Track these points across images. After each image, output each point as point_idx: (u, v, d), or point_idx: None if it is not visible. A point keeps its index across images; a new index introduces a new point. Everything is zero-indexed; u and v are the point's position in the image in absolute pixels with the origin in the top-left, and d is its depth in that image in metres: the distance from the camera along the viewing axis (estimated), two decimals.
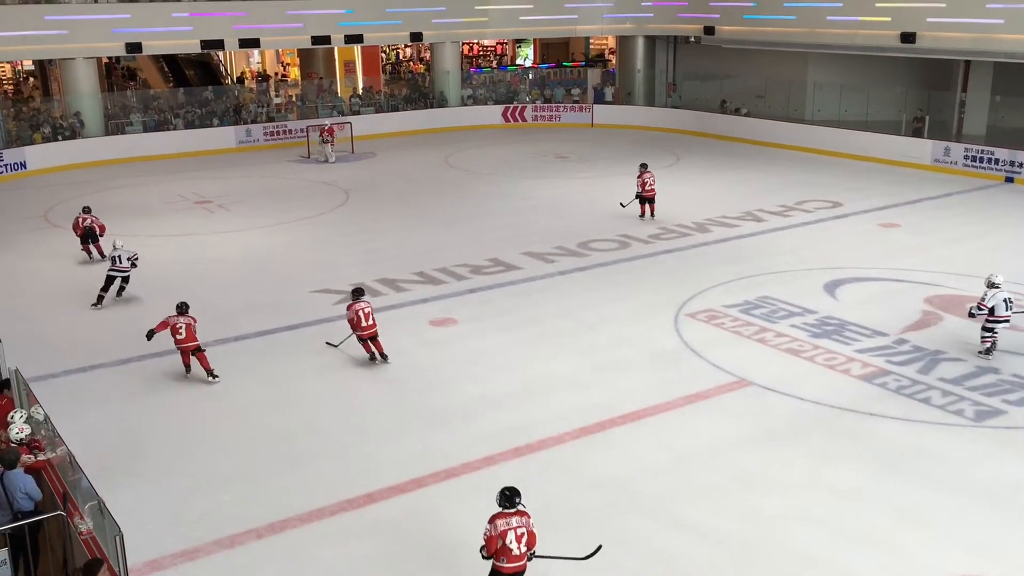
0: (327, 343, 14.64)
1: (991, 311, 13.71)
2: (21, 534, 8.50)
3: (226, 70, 44.66)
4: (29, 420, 10.00)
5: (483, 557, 8.27)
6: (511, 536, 8.05)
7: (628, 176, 26.89)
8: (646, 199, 22.09)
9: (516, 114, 36.96)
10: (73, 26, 29.88)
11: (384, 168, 29.43)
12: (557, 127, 36.22)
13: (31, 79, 43.57)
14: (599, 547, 8.62)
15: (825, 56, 32.11)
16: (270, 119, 33.81)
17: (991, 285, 13.98)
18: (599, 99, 37.48)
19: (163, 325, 13.83)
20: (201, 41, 31.96)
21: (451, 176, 27.99)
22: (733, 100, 34.00)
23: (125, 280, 17.38)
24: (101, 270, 19.07)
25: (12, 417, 9.74)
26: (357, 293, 14.36)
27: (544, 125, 36.64)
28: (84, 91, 30.82)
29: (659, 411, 12.31)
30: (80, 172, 28.95)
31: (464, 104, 37.22)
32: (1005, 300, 13.80)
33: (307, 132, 31.50)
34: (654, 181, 22.12)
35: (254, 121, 33.37)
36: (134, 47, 31.03)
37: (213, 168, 29.44)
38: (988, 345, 13.90)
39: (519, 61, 46.52)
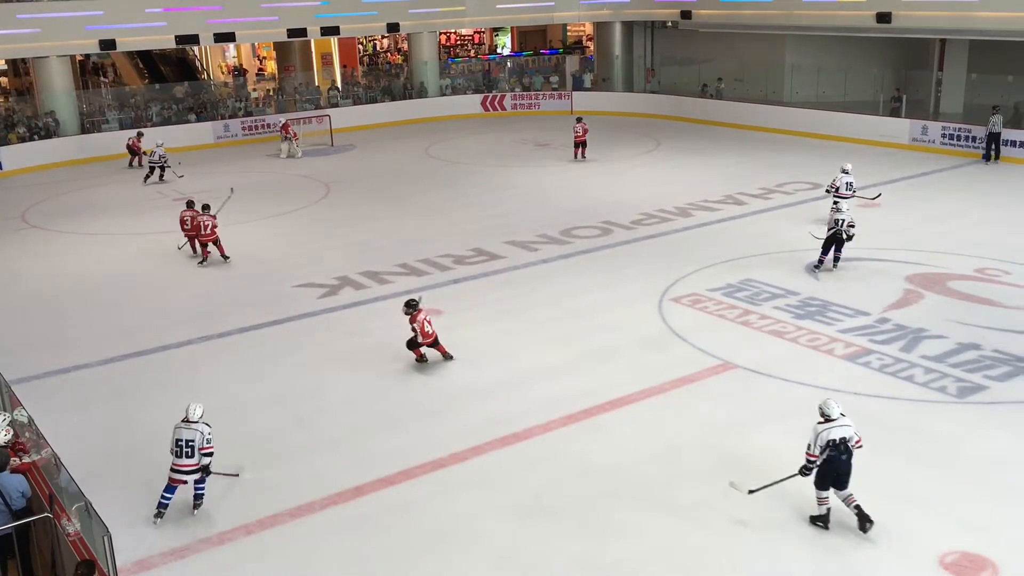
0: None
1: (837, 190, 18.95)
2: (10, 536, 8.45)
3: (202, 65, 44.32)
4: (13, 423, 9.93)
5: (414, 344, 13.32)
6: (424, 323, 13.33)
7: (610, 162, 26.97)
8: (578, 144, 27.25)
9: (495, 103, 36.88)
10: (46, 24, 29.54)
11: (364, 160, 29.32)
12: (536, 115, 36.16)
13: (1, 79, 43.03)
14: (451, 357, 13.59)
15: (802, 38, 32.20)
16: (248, 114, 33.59)
17: (842, 171, 19.38)
18: (578, 86, 37.44)
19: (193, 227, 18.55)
20: (176, 36, 31.68)
21: (432, 166, 27.92)
22: (712, 82, 34.04)
23: (161, 169, 26.29)
24: (86, 268, 18.97)
25: None
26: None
27: (523, 113, 36.57)
28: (58, 89, 30.52)
29: (646, 396, 12.35)
30: (57, 171, 28.70)
31: (443, 94, 37.10)
32: (847, 183, 19.08)
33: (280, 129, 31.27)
34: (583, 130, 27.25)
35: (232, 116, 33.15)
36: (108, 44, 30.73)
37: (191, 164, 29.19)
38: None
39: (497, 50, 46.37)
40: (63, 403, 12.83)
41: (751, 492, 9.57)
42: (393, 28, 35.88)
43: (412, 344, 13.45)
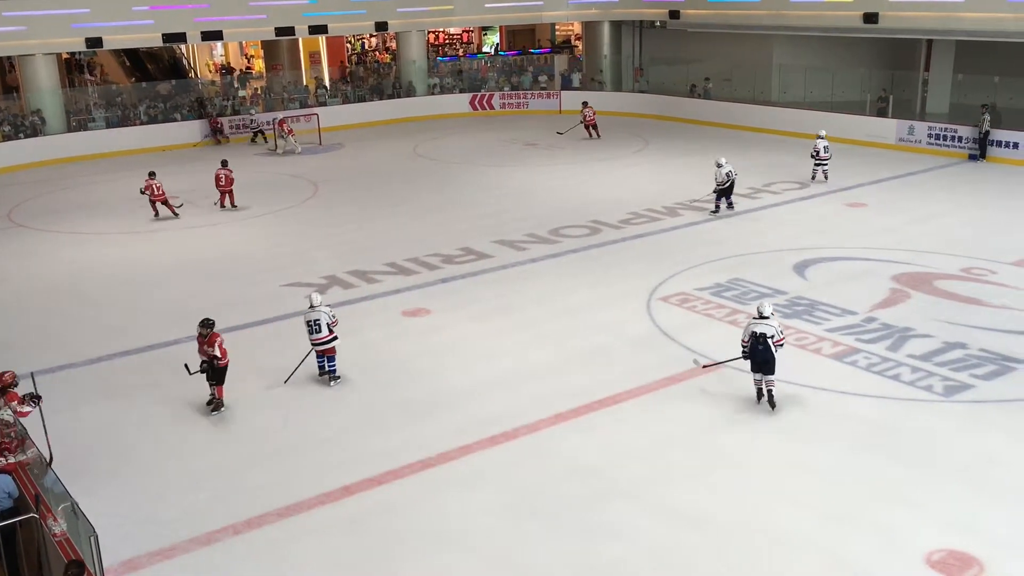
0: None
1: (818, 153, 23.47)
2: None
3: (190, 63, 44.13)
4: None
5: (221, 375, 12.17)
6: (224, 343, 12.29)
7: (598, 162, 27.00)
8: (588, 126, 30.36)
9: (484, 102, 36.85)
10: (32, 22, 29.37)
11: (352, 159, 29.27)
12: (525, 114, 36.17)
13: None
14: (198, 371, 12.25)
15: (790, 38, 32.31)
16: (235, 112, 33.47)
17: (819, 137, 23.67)
18: (566, 85, 37.46)
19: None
20: (163, 35, 31.55)
21: (420, 166, 27.88)
22: (700, 82, 34.11)
23: (261, 133, 31.80)
24: (73, 268, 18.87)
25: None
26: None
27: (512, 112, 36.57)
28: (44, 87, 30.34)
29: (635, 395, 12.37)
30: (43, 170, 28.55)
31: (431, 93, 37.06)
32: (824, 147, 23.53)
33: (274, 125, 31.19)
34: (592, 113, 30.58)
35: (219, 114, 33.02)
36: (94, 42, 30.56)
37: (178, 163, 29.11)
38: (815, 173, 23.83)
39: (485, 49, 46.33)
40: (49, 403, 12.69)
41: (704, 367, 12.70)
42: (381, 27, 35.83)
43: (220, 375, 12.25)
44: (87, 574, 7.35)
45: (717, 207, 21.07)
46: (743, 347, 11.84)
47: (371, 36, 46.72)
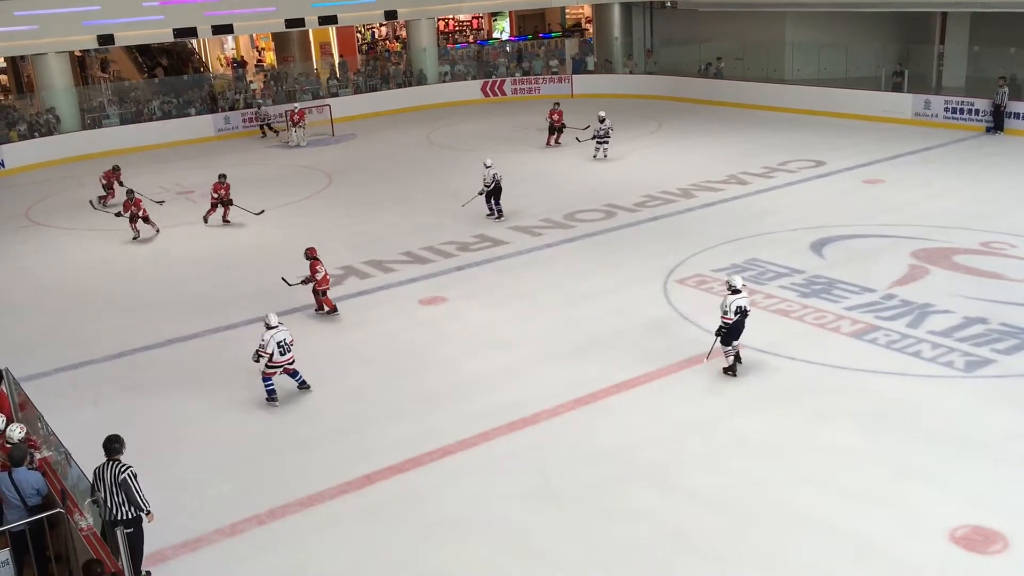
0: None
1: (606, 134, 22.09)
2: (24, 532, 8.49)
3: (200, 57, 44.20)
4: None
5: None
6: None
7: (612, 145, 26.85)
8: (554, 128, 27.43)
9: (495, 88, 36.76)
10: (43, 20, 29.47)
11: (366, 149, 29.28)
12: (537, 99, 36.02)
13: None
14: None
15: (802, 15, 32.04)
16: (248, 105, 33.52)
17: (600, 119, 22.55)
18: (577, 69, 37.30)
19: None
20: (174, 30, 31.62)
21: (434, 154, 27.87)
22: (712, 61, 33.90)
23: (269, 126, 31.19)
24: (91, 265, 18.99)
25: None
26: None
27: (524, 98, 36.44)
28: (58, 86, 30.49)
29: (653, 379, 12.36)
30: (59, 168, 28.71)
31: (443, 81, 36.99)
32: (609, 127, 22.39)
33: (287, 116, 31.22)
34: (559, 115, 27.60)
35: (231, 108, 33.09)
36: (106, 39, 30.66)
37: (193, 158, 29.24)
38: (597, 151, 23.89)
39: (496, 35, 46.18)
40: (73, 399, 12.88)
41: (707, 358, 12.51)
42: (391, 16, 35.77)
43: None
44: (105, 571, 7.41)
45: (491, 210, 20.03)
46: (725, 324, 11.95)
47: (381, 25, 46.62)
